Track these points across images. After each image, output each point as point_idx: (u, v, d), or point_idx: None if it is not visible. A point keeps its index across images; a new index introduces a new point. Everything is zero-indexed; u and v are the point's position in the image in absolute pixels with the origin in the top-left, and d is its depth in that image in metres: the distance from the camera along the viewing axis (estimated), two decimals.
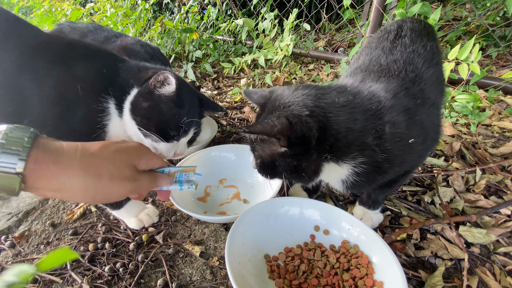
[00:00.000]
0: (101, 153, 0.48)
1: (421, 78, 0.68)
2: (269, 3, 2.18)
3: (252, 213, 0.78)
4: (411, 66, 0.70)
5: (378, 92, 0.61)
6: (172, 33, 2.52)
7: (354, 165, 0.60)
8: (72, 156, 0.44)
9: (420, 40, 0.77)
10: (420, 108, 0.63)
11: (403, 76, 0.67)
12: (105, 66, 0.79)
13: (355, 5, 2.26)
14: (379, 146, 0.58)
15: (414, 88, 0.65)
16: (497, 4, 1.95)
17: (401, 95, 0.61)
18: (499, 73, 1.75)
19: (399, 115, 0.58)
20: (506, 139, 1.27)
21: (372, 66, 0.73)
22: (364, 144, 0.57)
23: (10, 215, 0.95)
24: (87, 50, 0.81)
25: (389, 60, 0.73)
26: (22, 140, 0.40)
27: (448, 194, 0.97)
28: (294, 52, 2.41)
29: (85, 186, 0.45)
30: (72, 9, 3.36)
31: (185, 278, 0.74)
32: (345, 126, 0.56)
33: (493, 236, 0.80)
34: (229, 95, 2.00)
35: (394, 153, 0.59)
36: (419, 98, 0.63)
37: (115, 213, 0.87)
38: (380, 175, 0.63)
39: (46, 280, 0.74)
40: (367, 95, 0.60)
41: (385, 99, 0.59)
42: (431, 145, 0.70)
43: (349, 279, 0.67)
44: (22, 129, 0.41)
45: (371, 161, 0.59)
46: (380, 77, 0.67)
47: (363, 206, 0.85)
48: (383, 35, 0.83)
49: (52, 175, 0.42)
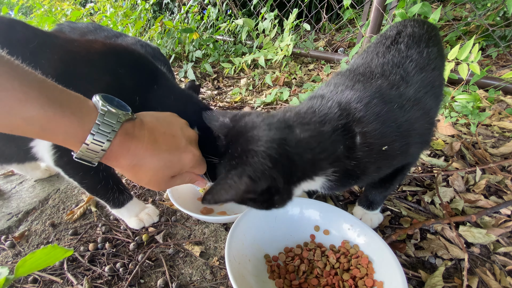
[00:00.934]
0: (165, 131, 0.56)
1: (407, 83, 0.67)
2: (269, 3, 2.18)
3: (252, 213, 0.78)
4: (398, 69, 0.68)
5: (349, 104, 0.60)
6: (172, 33, 2.52)
7: (326, 176, 0.60)
8: (142, 138, 0.52)
9: (416, 46, 0.75)
10: (398, 113, 0.61)
11: (383, 79, 0.66)
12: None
13: (355, 5, 2.26)
14: (349, 158, 0.58)
15: (393, 92, 0.64)
16: (497, 4, 1.96)
17: (373, 103, 0.60)
18: (499, 73, 1.75)
19: (369, 125, 0.58)
20: (506, 139, 1.27)
21: (361, 69, 0.73)
22: (334, 159, 0.57)
23: (10, 215, 0.96)
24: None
25: (378, 63, 0.72)
26: (112, 124, 0.47)
27: (448, 194, 0.97)
28: (294, 52, 2.42)
29: (152, 165, 0.53)
30: (72, 9, 3.36)
31: (185, 278, 0.74)
32: (312, 159, 0.56)
33: (493, 236, 0.80)
34: (229, 95, 2.00)
35: (365, 161, 0.59)
36: (396, 103, 0.62)
37: (115, 212, 0.87)
38: (355, 180, 0.63)
39: (46, 280, 0.74)
40: (336, 112, 0.59)
41: (355, 110, 0.59)
42: (420, 148, 0.70)
43: (349, 279, 0.67)
44: (113, 114, 0.47)
45: (342, 170, 0.59)
46: (357, 83, 0.66)
47: (363, 206, 0.85)
48: (381, 40, 0.83)
49: (126, 154, 0.50)
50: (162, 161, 0.54)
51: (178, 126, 0.60)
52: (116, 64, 0.70)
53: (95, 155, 0.47)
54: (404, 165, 0.72)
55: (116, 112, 0.47)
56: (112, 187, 0.80)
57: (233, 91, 1.98)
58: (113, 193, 0.81)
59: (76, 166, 0.73)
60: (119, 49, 0.74)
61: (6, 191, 1.08)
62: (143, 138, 0.52)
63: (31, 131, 0.42)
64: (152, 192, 1.07)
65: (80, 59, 0.67)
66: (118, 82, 0.69)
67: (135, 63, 0.75)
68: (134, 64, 0.74)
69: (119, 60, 0.71)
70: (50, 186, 1.10)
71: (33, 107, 0.39)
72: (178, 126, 0.60)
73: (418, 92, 0.66)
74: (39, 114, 0.40)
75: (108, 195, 0.80)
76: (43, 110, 0.40)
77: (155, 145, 0.53)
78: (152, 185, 0.57)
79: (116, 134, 0.47)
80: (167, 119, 0.60)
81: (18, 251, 0.83)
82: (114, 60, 0.71)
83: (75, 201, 1.02)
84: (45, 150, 0.70)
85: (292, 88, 1.95)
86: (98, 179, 0.76)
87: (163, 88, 0.76)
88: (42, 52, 0.63)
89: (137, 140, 0.51)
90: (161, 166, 0.54)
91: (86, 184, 0.77)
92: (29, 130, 0.41)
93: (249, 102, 1.86)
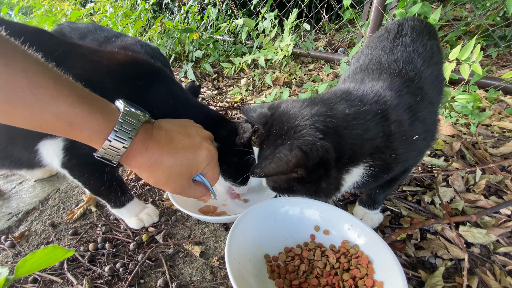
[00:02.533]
0: (181, 131, 0.58)
1: (420, 77, 0.68)
2: (269, 3, 2.18)
3: (252, 213, 0.78)
4: (410, 65, 0.70)
5: (383, 92, 0.60)
6: (172, 33, 2.52)
7: (365, 168, 0.59)
8: (159, 138, 0.54)
9: (420, 39, 0.76)
10: (421, 105, 0.63)
11: (403, 74, 0.67)
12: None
13: (355, 5, 2.26)
14: (388, 147, 0.57)
15: (414, 85, 0.65)
16: (497, 4, 1.95)
17: (404, 93, 0.61)
18: (499, 73, 1.75)
19: (403, 113, 0.58)
20: (506, 139, 1.27)
21: (372, 65, 0.73)
22: (376, 148, 0.56)
23: (10, 215, 0.96)
24: None
25: (390, 59, 0.73)
26: (133, 123, 0.50)
27: (448, 194, 0.97)
28: (294, 52, 2.41)
29: (169, 163, 0.55)
30: (72, 9, 3.36)
31: (185, 278, 0.74)
32: (360, 138, 0.54)
33: (493, 236, 0.80)
34: (229, 95, 2.00)
35: (400, 151, 0.58)
36: (419, 95, 0.63)
37: (115, 212, 0.87)
38: (387, 174, 0.62)
39: (46, 280, 0.74)
40: (373, 97, 0.59)
41: (390, 98, 0.58)
42: (430, 142, 0.71)
43: (349, 279, 0.67)
44: (135, 114, 0.50)
45: (381, 162, 0.58)
46: (381, 75, 0.67)
47: (363, 206, 0.85)
48: (383, 34, 0.83)
49: (144, 153, 0.52)
50: (179, 159, 0.55)
51: (193, 128, 0.62)
52: (136, 76, 0.73)
53: (116, 152, 0.49)
54: (412, 162, 0.72)
55: (137, 113, 0.51)
56: (115, 189, 0.80)
57: (233, 91, 1.98)
58: (116, 194, 0.81)
59: (83, 169, 0.74)
60: (140, 62, 0.76)
61: (6, 191, 1.08)
62: (159, 137, 0.54)
63: (60, 127, 0.44)
64: (152, 192, 1.07)
65: (101, 69, 0.69)
66: (136, 93, 0.71)
67: (154, 75, 0.77)
68: (153, 77, 0.76)
69: (139, 72, 0.74)
70: (50, 186, 1.10)
71: (64, 103, 0.42)
72: (193, 127, 0.62)
73: (429, 88, 0.68)
74: (69, 110, 0.43)
75: (110, 196, 0.81)
76: (73, 107, 0.43)
77: (171, 144, 0.55)
78: (169, 185, 0.58)
79: (137, 133, 0.50)
80: (182, 123, 0.63)
81: (18, 251, 0.83)
82: (134, 72, 0.73)
83: (75, 201, 1.02)
84: (54, 153, 0.71)
85: (292, 88, 1.95)
86: (102, 181, 0.77)
87: (180, 101, 0.79)
88: (66, 61, 0.65)
89: (154, 139, 0.54)
90: (177, 164, 0.56)
91: (90, 186, 0.78)
92: (58, 125, 0.44)
93: (249, 102, 1.86)
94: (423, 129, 0.62)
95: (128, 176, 1.15)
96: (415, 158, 0.69)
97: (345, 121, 0.54)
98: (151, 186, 1.09)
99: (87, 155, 0.68)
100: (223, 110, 1.74)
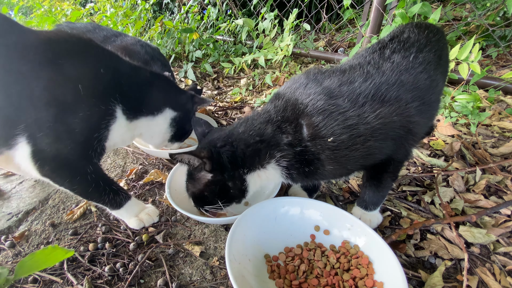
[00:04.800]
0: None
1: (376, 83, 0.68)
2: (269, 3, 2.18)
3: (252, 213, 0.78)
4: (364, 68, 0.71)
5: (299, 99, 0.69)
6: (172, 33, 2.52)
7: (280, 166, 0.72)
8: None
9: (404, 51, 0.76)
10: (351, 109, 0.65)
11: (340, 77, 0.70)
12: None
13: (355, 5, 2.26)
14: (297, 146, 0.68)
15: (344, 88, 0.67)
16: (497, 4, 1.95)
17: (319, 98, 0.66)
18: (499, 73, 1.75)
19: (313, 117, 0.65)
20: (506, 139, 1.27)
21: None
22: (278, 148, 0.69)
23: (10, 215, 0.96)
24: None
25: (352, 63, 0.77)
26: None
27: (448, 194, 0.97)
28: (294, 52, 2.41)
29: None
30: (72, 9, 3.36)
31: (185, 278, 0.74)
32: (244, 144, 0.71)
33: (493, 236, 0.80)
34: (229, 95, 2.00)
35: (316, 149, 0.67)
36: (350, 99, 0.65)
37: (114, 213, 0.86)
38: (319, 168, 0.70)
39: (46, 280, 0.74)
40: (282, 105, 0.72)
41: (302, 105, 0.68)
42: (401, 144, 0.71)
43: (349, 279, 0.67)
44: None
45: (296, 159, 0.70)
46: (312, 81, 0.72)
47: (360, 207, 0.85)
48: (373, 45, 0.84)
49: None
50: None
51: None
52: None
53: None
54: (387, 163, 0.73)
55: None
56: (104, 189, 0.79)
57: (233, 91, 1.98)
58: (107, 195, 0.79)
59: (61, 173, 0.72)
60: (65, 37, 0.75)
61: (6, 191, 1.08)
62: None
63: None
64: (152, 192, 1.07)
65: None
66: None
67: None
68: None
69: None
70: (50, 186, 1.10)
71: None
72: None
73: (394, 93, 0.68)
74: None
75: (102, 197, 0.79)
76: None
77: None
78: None
79: None
80: None
81: (18, 251, 0.83)
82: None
83: (75, 201, 1.02)
84: (27, 163, 0.69)
85: None
86: (87, 183, 0.75)
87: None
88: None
89: None
90: None
91: (77, 190, 0.76)
92: None
93: (249, 102, 1.86)
94: (345, 131, 0.65)
95: (128, 176, 1.15)
96: (378, 157, 0.71)
97: (235, 136, 0.74)
98: (151, 186, 1.09)
99: (56, 156, 0.68)
100: (223, 110, 1.74)
